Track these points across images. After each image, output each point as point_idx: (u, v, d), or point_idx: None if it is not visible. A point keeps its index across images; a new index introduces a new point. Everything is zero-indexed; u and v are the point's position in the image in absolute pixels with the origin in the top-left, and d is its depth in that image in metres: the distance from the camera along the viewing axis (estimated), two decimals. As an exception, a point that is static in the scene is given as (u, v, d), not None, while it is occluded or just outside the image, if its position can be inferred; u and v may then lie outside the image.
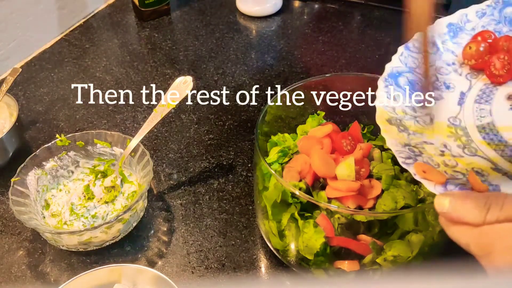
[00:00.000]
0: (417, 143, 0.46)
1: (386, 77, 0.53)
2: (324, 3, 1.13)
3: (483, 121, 0.50)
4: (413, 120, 0.50)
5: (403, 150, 0.45)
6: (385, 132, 0.47)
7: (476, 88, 0.54)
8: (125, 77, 0.95)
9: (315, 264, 0.55)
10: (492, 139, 0.48)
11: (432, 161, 0.44)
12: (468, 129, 0.49)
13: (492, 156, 0.46)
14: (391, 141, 0.46)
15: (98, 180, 0.72)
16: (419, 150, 0.45)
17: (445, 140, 0.48)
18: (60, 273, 0.64)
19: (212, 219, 0.69)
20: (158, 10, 1.10)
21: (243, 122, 0.84)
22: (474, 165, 0.45)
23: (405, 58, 0.55)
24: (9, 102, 0.78)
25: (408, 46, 0.56)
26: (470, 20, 0.58)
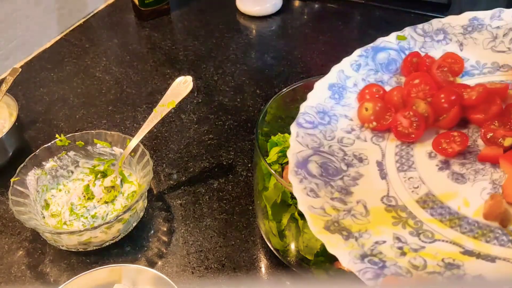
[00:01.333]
0: (371, 248, 0.40)
1: (295, 168, 0.45)
2: (324, 3, 1.13)
3: (420, 193, 0.44)
4: (349, 216, 0.43)
5: (365, 267, 0.38)
6: (332, 247, 0.40)
7: (390, 153, 0.48)
8: (125, 77, 0.95)
9: (315, 264, 0.55)
10: (441, 214, 0.42)
11: (400, 269, 0.38)
12: (409, 207, 0.43)
13: (452, 236, 0.40)
14: (347, 259, 0.39)
15: (98, 180, 0.72)
16: (379, 258, 0.39)
17: (394, 231, 0.41)
18: (60, 273, 0.64)
19: (212, 219, 0.69)
20: (157, 10, 1.10)
21: (243, 122, 0.84)
22: (442, 255, 0.39)
23: (302, 138, 0.48)
24: (9, 102, 0.78)
25: (299, 122, 0.50)
26: (349, 76, 0.54)
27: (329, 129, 0.51)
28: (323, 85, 0.53)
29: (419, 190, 0.44)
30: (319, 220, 0.42)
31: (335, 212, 0.43)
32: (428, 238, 0.41)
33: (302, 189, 0.44)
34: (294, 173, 0.45)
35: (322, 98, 0.52)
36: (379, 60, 0.55)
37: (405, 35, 0.56)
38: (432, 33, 0.56)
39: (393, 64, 0.55)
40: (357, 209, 0.44)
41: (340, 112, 0.52)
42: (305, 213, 0.42)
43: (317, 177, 0.46)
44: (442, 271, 0.38)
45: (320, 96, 0.52)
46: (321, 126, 0.50)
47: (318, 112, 0.51)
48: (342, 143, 0.50)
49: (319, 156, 0.48)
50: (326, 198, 0.44)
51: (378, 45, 0.56)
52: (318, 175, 0.46)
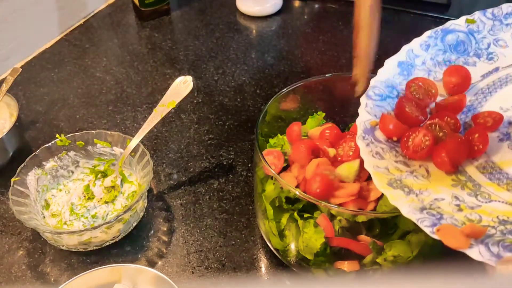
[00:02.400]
0: (430, 203, 0.44)
1: (363, 134, 0.50)
2: (324, 3, 1.13)
3: (480, 160, 0.47)
4: (411, 177, 0.47)
5: (423, 217, 0.42)
6: (394, 199, 0.44)
7: None
8: (125, 77, 0.95)
9: (315, 264, 0.55)
10: (499, 178, 0.45)
11: (457, 221, 0.42)
12: (468, 172, 0.47)
13: (508, 198, 0.43)
14: (407, 209, 0.43)
15: (98, 180, 0.72)
16: (437, 211, 0.43)
17: (452, 191, 0.45)
18: (60, 273, 0.64)
19: (212, 219, 0.69)
20: (158, 10, 1.10)
21: (243, 122, 0.84)
22: (498, 213, 0.42)
23: (371, 108, 0.53)
24: (9, 102, 0.78)
25: (369, 95, 0.54)
26: (418, 55, 0.57)
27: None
28: (393, 62, 0.57)
29: (479, 157, 0.47)
30: (382, 177, 0.46)
31: (398, 172, 0.47)
32: (484, 199, 0.44)
33: (368, 151, 0.48)
34: (362, 138, 0.50)
35: (392, 74, 0.56)
36: (448, 41, 0.58)
37: (475, 19, 0.58)
38: (501, 16, 0.58)
39: (461, 46, 0.58)
40: (419, 171, 0.48)
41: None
42: (371, 172, 0.47)
43: (383, 143, 0.50)
44: (496, 226, 0.41)
45: (390, 72, 0.56)
46: (389, 99, 0.54)
47: (387, 86, 0.55)
48: None
49: None
50: (391, 161, 0.48)
51: (447, 27, 0.58)
52: (384, 141, 0.51)
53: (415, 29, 1.04)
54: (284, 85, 0.89)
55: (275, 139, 0.64)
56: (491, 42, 0.57)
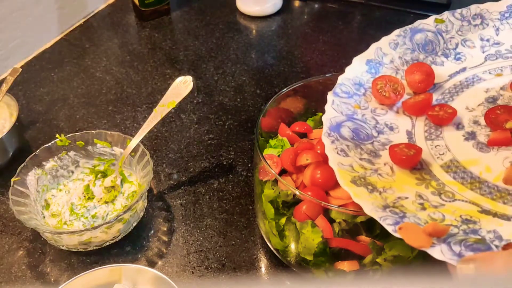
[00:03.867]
0: (394, 201, 0.44)
1: (328, 131, 0.50)
2: (324, 3, 1.13)
3: (445, 159, 0.48)
4: (375, 175, 0.47)
5: (386, 215, 0.42)
6: (357, 197, 0.44)
7: (420, 124, 0.52)
8: (125, 77, 0.95)
9: (315, 264, 0.55)
10: (463, 177, 0.46)
11: (419, 220, 0.42)
12: (433, 171, 0.47)
13: (472, 197, 0.44)
14: (369, 207, 0.42)
15: (98, 180, 0.72)
16: (400, 210, 0.43)
17: (417, 189, 0.45)
18: (60, 273, 0.64)
19: (212, 219, 0.69)
20: (158, 10, 1.10)
21: (243, 122, 0.84)
22: (461, 212, 0.42)
23: (337, 106, 0.53)
24: (9, 102, 0.78)
25: (336, 92, 0.55)
26: (386, 53, 0.58)
27: (364, 100, 0.55)
28: (361, 60, 0.57)
29: (444, 156, 0.48)
30: (346, 174, 0.46)
31: (362, 170, 0.47)
32: (448, 198, 0.44)
33: (333, 148, 0.49)
34: (327, 135, 0.50)
35: (359, 71, 0.57)
36: (416, 40, 0.58)
37: (444, 19, 0.59)
38: (469, 17, 0.59)
39: (429, 45, 0.58)
40: (383, 169, 0.48)
41: None
42: (334, 169, 0.47)
43: (348, 140, 0.50)
44: (459, 225, 0.41)
45: (357, 69, 0.57)
46: (356, 96, 0.55)
47: (354, 84, 0.55)
48: (375, 113, 0.54)
49: (352, 122, 0.52)
50: (355, 158, 0.49)
51: (416, 26, 0.59)
52: (350, 138, 0.51)
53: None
54: (284, 85, 0.89)
55: (275, 140, 0.64)
56: (459, 43, 0.58)
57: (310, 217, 0.53)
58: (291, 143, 0.62)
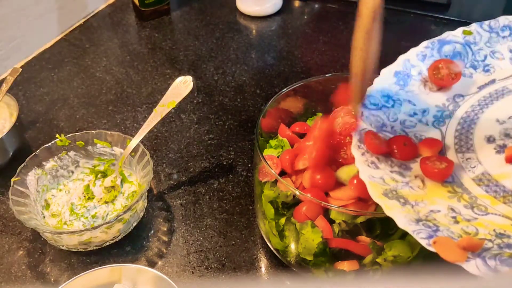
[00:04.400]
0: (426, 215, 0.44)
1: (358, 143, 0.50)
2: (324, 3, 1.13)
3: (476, 172, 0.47)
4: (407, 187, 0.47)
5: (419, 228, 0.42)
6: (389, 209, 0.43)
7: (450, 135, 0.52)
8: (125, 77, 0.95)
9: (315, 264, 0.55)
10: (496, 191, 0.45)
11: (453, 234, 0.41)
12: (465, 184, 0.47)
13: (505, 211, 0.43)
14: (403, 220, 0.42)
15: (98, 180, 0.72)
16: (433, 223, 0.42)
17: (449, 203, 0.45)
18: (60, 273, 0.64)
19: (212, 219, 0.69)
20: (158, 10, 1.10)
21: (243, 122, 0.84)
22: (494, 226, 0.42)
23: (366, 118, 0.53)
24: (9, 102, 0.78)
25: (365, 104, 0.54)
26: (414, 65, 0.58)
27: (393, 111, 0.55)
28: (389, 72, 0.57)
29: (475, 169, 0.47)
30: (378, 187, 0.46)
31: (394, 182, 0.47)
32: (481, 211, 0.44)
33: (363, 160, 0.48)
34: (357, 147, 0.49)
35: (387, 83, 0.56)
36: (444, 52, 0.58)
37: (471, 30, 0.58)
38: (498, 29, 0.58)
39: (457, 57, 0.58)
40: (414, 182, 0.48)
41: (404, 97, 0.56)
42: (366, 181, 0.46)
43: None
44: (493, 239, 0.40)
45: (386, 81, 0.56)
46: (384, 109, 0.55)
47: (383, 96, 0.55)
48: (404, 125, 0.54)
49: (382, 134, 0.52)
50: (386, 171, 0.48)
51: (444, 38, 0.58)
52: None
53: (415, 29, 1.04)
54: (284, 85, 0.89)
55: (276, 140, 0.64)
56: (488, 54, 0.57)
57: (310, 218, 0.53)
58: (291, 144, 0.62)
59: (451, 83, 0.56)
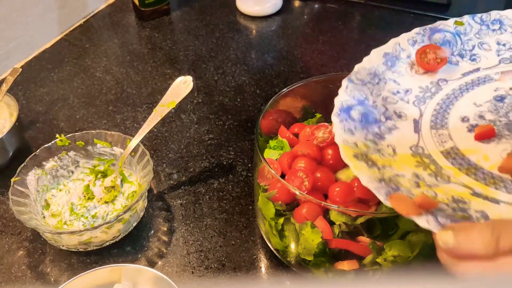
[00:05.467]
0: (390, 177, 0.46)
1: (338, 112, 0.53)
2: (324, 3, 1.13)
3: (446, 146, 0.50)
4: (377, 153, 0.50)
5: (380, 186, 0.44)
6: (356, 169, 0.46)
7: (427, 114, 0.54)
8: (125, 77, 0.95)
9: (315, 264, 0.55)
10: (461, 164, 0.48)
11: (412, 195, 0.44)
12: (433, 156, 0.49)
13: (466, 181, 0.46)
14: (366, 179, 0.45)
15: (98, 180, 0.72)
16: (395, 184, 0.45)
17: (414, 170, 0.48)
18: (60, 273, 0.64)
19: (212, 219, 0.69)
20: (158, 10, 1.10)
21: (243, 122, 0.84)
22: (453, 193, 0.44)
23: (351, 91, 0.55)
24: (9, 102, 0.78)
25: (351, 78, 0.56)
26: (404, 49, 0.60)
27: (377, 88, 0.57)
28: (379, 52, 0.59)
29: (446, 144, 0.50)
30: (349, 150, 0.48)
31: (366, 148, 0.50)
32: (444, 180, 0.46)
33: (341, 127, 0.51)
34: (337, 115, 0.52)
35: (376, 62, 0.59)
36: (434, 39, 0.60)
37: (464, 21, 0.61)
38: (489, 22, 0.60)
39: (447, 45, 0.60)
40: (386, 150, 0.51)
41: (390, 77, 0.58)
42: (339, 144, 0.49)
43: (356, 121, 0.53)
44: (449, 203, 0.43)
45: (374, 61, 0.59)
46: (369, 85, 0.57)
47: (369, 74, 0.58)
48: (386, 101, 0.56)
49: (362, 107, 0.54)
50: (360, 138, 0.51)
51: (436, 26, 0.61)
52: (358, 120, 0.53)
53: (415, 29, 1.04)
54: (284, 85, 0.89)
55: (275, 141, 0.64)
56: (476, 45, 0.60)
57: (309, 219, 0.53)
58: (290, 145, 0.62)
59: (436, 68, 0.58)
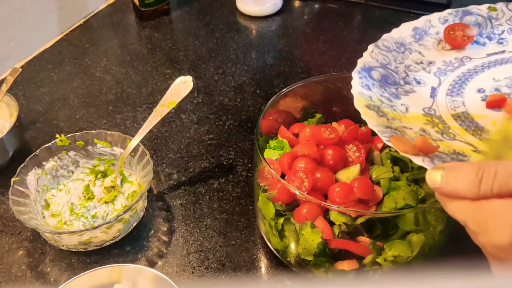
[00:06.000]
0: (398, 127, 0.48)
1: (360, 70, 0.55)
2: (325, 3, 1.13)
3: (458, 111, 0.52)
4: (390, 108, 0.52)
5: (386, 130, 0.46)
6: (365, 115, 0.48)
7: (445, 84, 0.56)
8: (125, 77, 0.95)
9: (315, 264, 0.55)
10: (468, 125, 0.50)
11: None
12: (443, 117, 0.51)
13: (470, 140, 0.48)
14: (373, 123, 0.47)
15: (98, 180, 0.72)
16: (401, 132, 0.47)
17: (423, 126, 0.50)
18: (60, 273, 0.64)
19: (212, 219, 0.69)
20: (158, 10, 1.10)
21: (243, 122, 0.84)
22: (455, 147, 0.46)
23: (375, 55, 0.57)
24: (9, 102, 0.78)
25: (377, 44, 0.59)
26: (434, 25, 0.62)
27: (401, 56, 0.59)
28: (409, 26, 0.62)
29: (458, 109, 0.52)
30: (362, 100, 0.51)
31: (379, 102, 0.52)
32: (449, 137, 0.48)
33: (359, 82, 0.53)
34: (358, 72, 0.54)
35: (404, 34, 0.61)
36: (465, 21, 0.61)
37: (496, 8, 0.62)
38: None
39: (476, 28, 0.61)
40: (399, 107, 0.53)
41: (416, 48, 0.60)
42: (354, 95, 0.51)
43: (375, 80, 0.55)
44: (449, 154, 0.45)
45: (403, 32, 0.61)
46: (395, 52, 0.59)
47: (396, 43, 0.60)
48: (408, 69, 0.58)
49: (384, 69, 0.57)
50: (376, 94, 0.53)
51: (469, 9, 0.62)
52: (377, 79, 0.55)
53: (415, 29, 1.04)
54: (284, 85, 0.89)
55: (275, 141, 0.64)
56: (506, 30, 0.61)
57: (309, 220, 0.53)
58: (291, 146, 0.62)
59: (462, 44, 0.59)
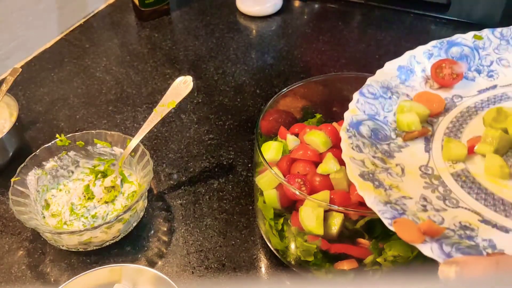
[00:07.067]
0: (397, 199, 0.45)
1: (347, 127, 0.51)
2: (324, 3, 1.13)
3: (456, 168, 0.48)
4: (385, 173, 0.48)
5: (385, 209, 0.43)
6: (361, 189, 0.45)
7: (439, 133, 0.53)
8: (125, 77, 0.95)
9: (315, 264, 0.55)
10: (471, 187, 0.46)
11: (418, 220, 0.42)
12: (443, 178, 0.48)
13: (476, 207, 0.44)
14: (371, 200, 0.43)
15: (98, 180, 0.72)
16: (401, 207, 0.43)
17: (422, 192, 0.46)
18: (60, 273, 0.64)
19: (212, 219, 0.69)
20: (158, 10, 1.10)
21: (243, 122, 0.84)
22: (460, 219, 0.43)
23: (361, 105, 0.54)
24: (9, 102, 0.78)
25: (362, 92, 0.55)
26: (419, 62, 0.58)
27: (389, 103, 0.55)
28: (393, 65, 0.58)
29: (456, 165, 0.48)
30: (356, 169, 0.47)
31: (373, 167, 0.48)
32: (452, 204, 0.45)
33: (349, 143, 0.50)
34: (346, 130, 0.51)
35: (389, 76, 0.57)
36: (451, 53, 0.58)
37: (483, 36, 0.59)
38: (509, 37, 0.58)
39: (464, 59, 0.58)
40: (394, 169, 0.49)
41: (403, 91, 0.57)
42: (346, 161, 0.48)
43: (365, 138, 0.51)
44: (456, 230, 0.41)
45: (388, 74, 0.57)
46: (381, 99, 0.55)
47: (382, 87, 0.56)
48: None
49: (373, 122, 0.53)
50: (369, 155, 0.49)
51: (454, 40, 0.59)
52: (367, 136, 0.51)
53: (415, 29, 1.04)
54: (284, 85, 0.89)
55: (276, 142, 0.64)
56: (494, 61, 0.57)
57: None
58: None
59: (451, 83, 0.56)
